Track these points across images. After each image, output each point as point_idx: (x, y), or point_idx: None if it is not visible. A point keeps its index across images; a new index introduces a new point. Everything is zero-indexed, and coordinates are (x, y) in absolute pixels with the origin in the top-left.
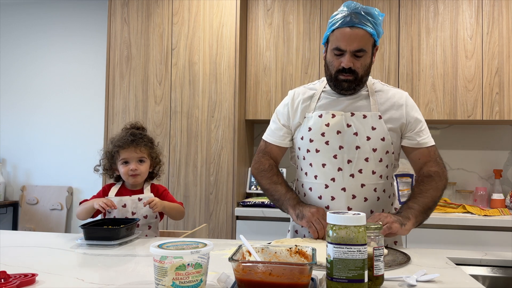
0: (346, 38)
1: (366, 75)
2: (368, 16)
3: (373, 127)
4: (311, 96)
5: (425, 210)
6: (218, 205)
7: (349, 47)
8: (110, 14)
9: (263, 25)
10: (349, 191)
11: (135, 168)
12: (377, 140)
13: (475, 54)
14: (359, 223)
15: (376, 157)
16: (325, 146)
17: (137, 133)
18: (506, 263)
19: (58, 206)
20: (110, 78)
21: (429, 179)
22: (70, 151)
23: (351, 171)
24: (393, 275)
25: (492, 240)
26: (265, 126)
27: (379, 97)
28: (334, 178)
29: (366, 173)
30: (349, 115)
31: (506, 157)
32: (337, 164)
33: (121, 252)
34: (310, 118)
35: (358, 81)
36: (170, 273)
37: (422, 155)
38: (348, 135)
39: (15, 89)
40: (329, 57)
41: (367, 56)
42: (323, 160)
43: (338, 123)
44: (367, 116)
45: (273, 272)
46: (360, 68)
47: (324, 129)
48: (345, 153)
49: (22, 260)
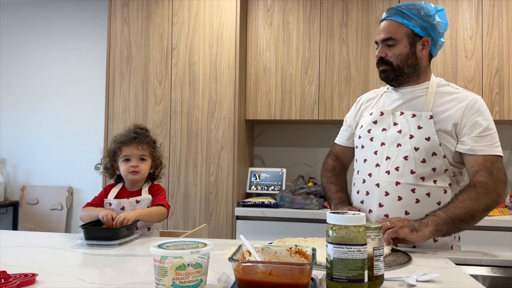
0: (378, 31)
1: (407, 66)
2: (403, 9)
3: (419, 126)
4: (374, 97)
5: (453, 221)
6: (218, 205)
7: (378, 38)
8: (110, 14)
9: (263, 25)
10: (383, 187)
11: (135, 165)
12: (421, 139)
13: (475, 54)
14: (359, 223)
15: (418, 157)
16: (369, 142)
17: (140, 131)
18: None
19: (58, 206)
20: (110, 78)
21: (470, 189)
22: (70, 151)
23: (387, 168)
24: (393, 275)
25: (492, 240)
26: (265, 126)
27: (440, 97)
28: (371, 173)
29: (403, 172)
30: (398, 114)
31: (506, 157)
32: (376, 160)
33: (121, 252)
34: (365, 117)
35: (395, 71)
36: (170, 273)
37: (476, 163)
38: (392, 132)
39: (15, 89)
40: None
41: (401, 46)
42: (365, 156)
43: (385, 120)
44: (416, 116)
45: (273, 272)
46: (393, 57)
47: (371, 126)
48: (385, 149)
49: (22, 260)
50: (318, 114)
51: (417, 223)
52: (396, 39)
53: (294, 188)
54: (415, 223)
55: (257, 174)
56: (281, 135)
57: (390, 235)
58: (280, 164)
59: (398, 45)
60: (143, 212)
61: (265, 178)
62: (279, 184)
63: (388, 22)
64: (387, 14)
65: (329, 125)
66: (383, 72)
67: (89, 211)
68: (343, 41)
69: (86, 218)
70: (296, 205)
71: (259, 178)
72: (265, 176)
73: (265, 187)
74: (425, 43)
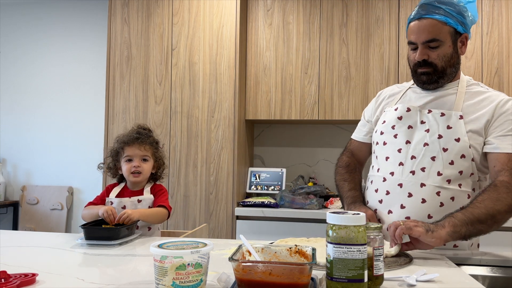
0: (415, 30)
1: (450, 66)
2: (440, 5)
3: (449, 126)
4: (397, 93)
5: (472, 222)
6: (218, 205)
7: (418, 39)
8: (110, 14)
9: (263, 25)
10: (406, 188)
11: (137, 165)
12: (450, 140)
13: (475, 54)
14: (359, 223)
15: (446, 158)
16: (392, 139)
17: (143, 132)
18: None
19: (58, 206)
20: (110, 78)
21: (491, 189)
22: (70, 151)
23: (412, 168)
24: (393, 275)
25: (492, 240)
26: (265, 126)
27: (470, 97)
28: (393, 172)
29: (430, 173)
30: (426, 111)
31: None
32: (400, 159)
33: (121, 252)
34: (388, 112)
35: (439, 73)
36: (170, 273)
37: (498, 161)
38: (419, 131)
39: (15, 89)
40: (408, 53)
41: (445, 46)
42: (387, 153)
43: (411, 117)
44: (445, 115)
45: (273, 272)
46: (437, 59)
47: (396, 122)
48: (410, 148)
49: (22, 260)
50: (318, 114)
51: (433, 224)
52: (440, 40)
53: (294, 188)
54: (430, 225)
55: (257, 174)
56: (281, 135)
57: (402, 231)
58: (280, 164)
59: (443, 45)
60: (146, 213)
61: (265, 178)
62: (279, 184)
63: (428, 21)
64: (424, 12)
65: (329, 125)
66: (425, 74)
67: (89, 210)
68: (343, 41)
69: (87, 217)
70: (296, 205)
71: (259, 178)
72: (265, 176)
73: (265, 187)
74: (463, 39)
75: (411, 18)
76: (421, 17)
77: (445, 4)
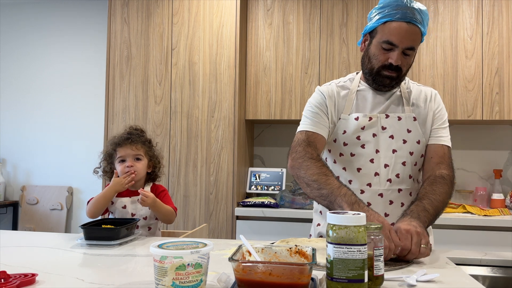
0: (402, 33)
1: (406, 73)
2: (421, 14)
3: (409, 129)
4: (346, 95)
5: (436, 217)
6: (218, 205)
7: (401, 43)
8: (110, 14)
9: (263, 25)
10: (386, 196)
11: (131, 165)
12: (413, 143)
13: (475, 54)
14: (359, 223)
15: (413, 161)
16: (360, 150)
17: (134, 132)
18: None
19: (58, 206)
20: (110, 78)
21: (442, 181)
22: (70, 151)
23: (388, 176)
24: (393, 275)
25: (492, 240)
26: (265, 126)
27: (411, 94)
28: (371, 183)
29: (403, 178)
30: (383, 116)
31: (506, 157)
32: (374, 169)
33: (121, 252)
34: (346, 120)
35: (400, 78)
36: (170, 273)
37: (436, 154)
38: (384, 138)
39: (15, 89)
40: (375, 50)
41: (414, 55)
42: (358, 165)
43: (373, 125)
44: (402, 118)
45: (273, 272)
46: (405, 66)
47: (360, 132)
48: (381, 157)
49: (22, 260)
50: None
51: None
52: (415, 49)
53: (294, 188)
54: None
55: (257, 174)
56: (281, 135)
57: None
58: (280, 164)
59: (413, 55)
60: (159, 204)
61: (265, 178)
62: (279, 184)
63: (414, 29)
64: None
65: None
66: (389, 78)
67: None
68: (343, 41)
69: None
70: (296, 205)
71: (259, 178)
72: (265, 176)
73: (265, 187)
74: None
75: (397, 18)
76: (410, 22)
77: (424, 14)
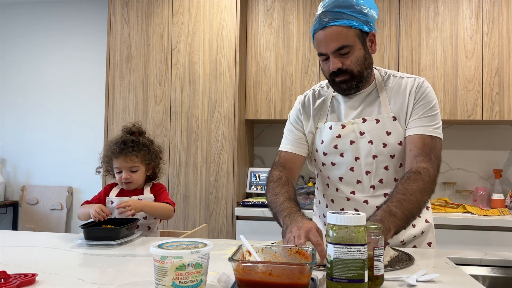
0: (323, 40)
1: (365, 68)
2: (340, 9)
3: (388, 131)
4: (321, 103)
5: (408, 219)
6: (218, 205)
7: (328, 49)
8: (110, 14)
9: (263, 25)
10: (372, 202)
11: (127, 177)
12: (394, 146)
13: (475, 54)
14: (359, 223)
15: (396, 164)
16: (340, 158)
17: (129, 140)
18: (506, 263)
19: (58, 206)
20: (110, 78)
21: (416, 177)
22: (70, 151)
23: (371, 182)
24: (393, 275)
25: (492, 240)
26: (265, 126)
27: (390, 91)
28: (354, 191)
29: (388, 182)
30: (360, 121)
31: (506, 157)
32: (356, 177)
33: (121, 252)
34: (322, 130)
35: (357, 78)
36: (170, 273)
37: (414, 146)
38: (363, 144)
39: (15, 89)
40: (320, 63)
41: (356, 50)
42: (339, 174)
43: (350, 133)
44: (380, 121)
45: (273, 272)
46: (352, 65)
47: (337, 141)
48: (362, 164)
49: (22, 260)
50: None
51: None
52: (350, 45)
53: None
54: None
55: (257, 174)
56: (281, 135)
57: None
58: None
59: (354, 50)
60: (149, 205)
61: (265, 178)
62: None
63: (333, 29)
64: (327, 20)
65: None
66: (343, 82)
67: (83, 209)
68: None
69: (82, 217)
70: None
71: (259, 178)
72: (265, 176)
73: (265, 187)
74: (371, 37)
75: (316, 29)
76: (325, 26)
77: (345, 7)
